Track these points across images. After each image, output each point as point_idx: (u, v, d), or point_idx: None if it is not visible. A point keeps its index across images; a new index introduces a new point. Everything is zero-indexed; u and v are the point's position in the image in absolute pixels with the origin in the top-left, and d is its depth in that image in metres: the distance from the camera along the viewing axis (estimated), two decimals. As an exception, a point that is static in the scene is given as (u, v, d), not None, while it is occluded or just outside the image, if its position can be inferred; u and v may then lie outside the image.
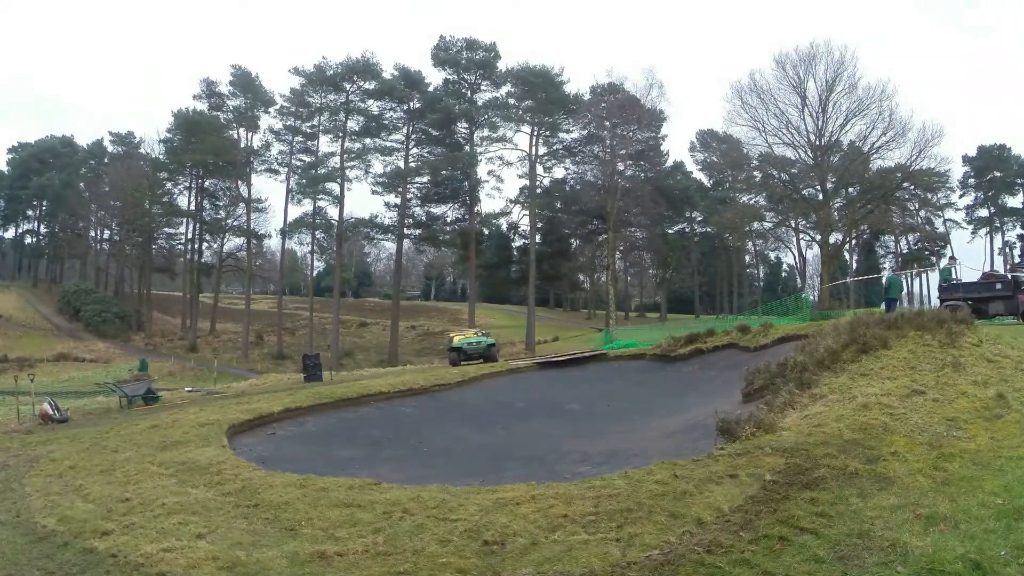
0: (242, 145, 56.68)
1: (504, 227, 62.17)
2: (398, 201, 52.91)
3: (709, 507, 4.98)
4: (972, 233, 66.18)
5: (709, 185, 69.20)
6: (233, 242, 60.03)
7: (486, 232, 61.59)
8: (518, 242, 63.09)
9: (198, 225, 58.85)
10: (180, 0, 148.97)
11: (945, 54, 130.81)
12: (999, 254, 65.03)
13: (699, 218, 68.81)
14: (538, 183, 55.49)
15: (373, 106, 53.48)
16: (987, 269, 18.56)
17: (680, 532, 4.58)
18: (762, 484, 5.36)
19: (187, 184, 59.15)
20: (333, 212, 53.96)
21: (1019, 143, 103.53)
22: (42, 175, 71.28)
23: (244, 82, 55.89)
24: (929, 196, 48.74)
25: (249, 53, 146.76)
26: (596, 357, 18.45)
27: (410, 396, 13.37)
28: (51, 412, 12.37)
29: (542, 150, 54.96)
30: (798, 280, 65.54)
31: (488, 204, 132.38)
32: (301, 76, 53.12)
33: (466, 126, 53.00)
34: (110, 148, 71.06)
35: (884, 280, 20.33)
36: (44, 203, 74.61)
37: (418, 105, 52.42)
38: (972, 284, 17.19)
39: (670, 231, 66.89)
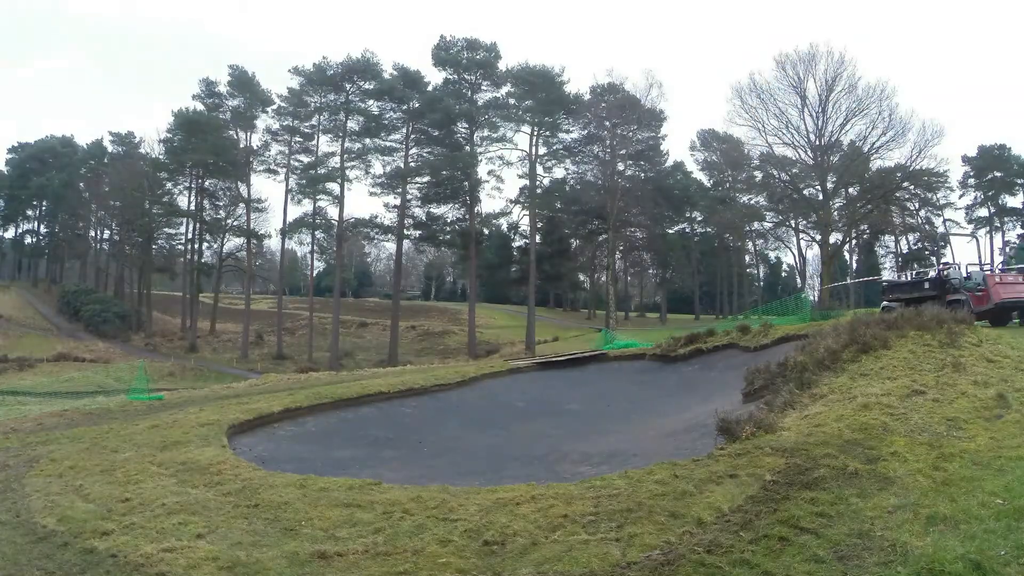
0: (241, 145, 56.66)
1: (504, 227, 62.25)
2: (398, 201, 52.90)
3: (709, 507, 4.98)
4: (971, 234, 66.24)
5: (709, 185, 69.22)
6: (233, 242, 60.07)
7: (486, 232, 61.56)
8: (518, 242, 63.18)
9: (198, 225, 58.81)
10: (180, 0, 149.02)
11: (945, 53, 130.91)
12: (999, 253, 65.14)
13: (699, 218, 68.86)
14: (538, 183, 55.52)
15: (373, 106, 53.46)
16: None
17: (680, 532, 4.58)
18: (762, 484, 5.36)
19: (187, 184, 59.09)
20: (333, 212, 54.02)
21: (1019, 143, 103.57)
22: (42, 175, 71.28)
23: (242, 82, 55.86)
24: (929, 196, 48.75)
25: (249, 53, 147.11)
26: (596, 357, 18.44)
27: (410, 396, 13.35)
28: None
29: (542, 150, 55.01)
30: (798, 280, 65.61)
31: (488, 204, 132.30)
32: (301, 76, 53.15)
33: (466, 126, 52.96)
34: (110, 148, 71.10)
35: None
36: (44, 203, 74.64)
37: (418, 105, 52.38)
38: (903, 284, 17.96)
39: (670, 231, 66.92)
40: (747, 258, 73.38)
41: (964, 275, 15.78)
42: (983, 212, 65.54)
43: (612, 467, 7.08)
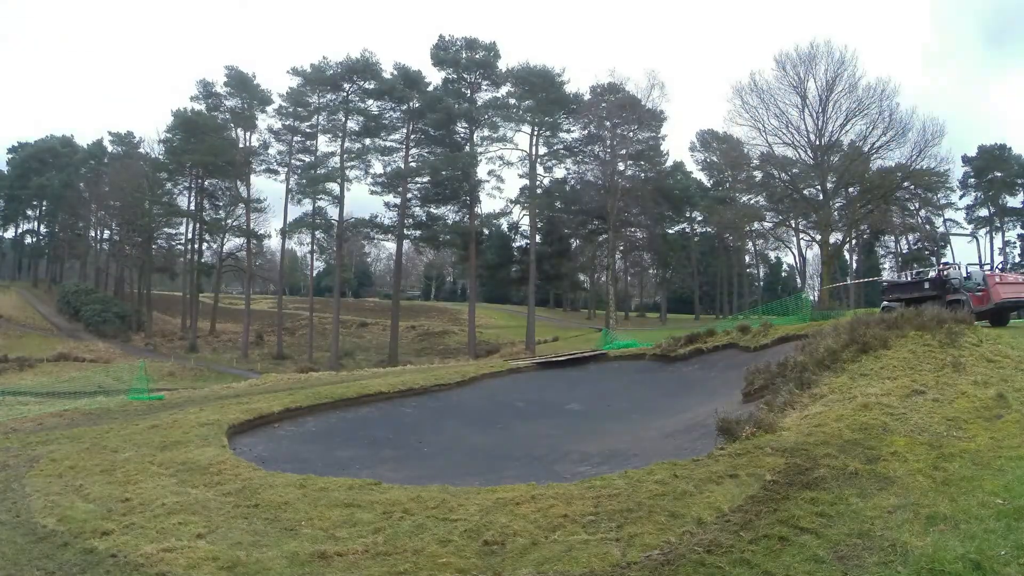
0: (241, 145, 56.64)
1: (504, 227, 62.16)
2: (398, 201, 52.88)
3: (709, 507, 4.98)
4: (971, 234, 66.25)
5: (709, 185, 69.20)
6: (233, 242, 60.02)
7: (486, 232, 61.52)
8: (518, 242, 63.03)
9: (198, 225, 58.79)
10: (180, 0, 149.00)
11: (946, 52, 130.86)
12: (999, 254, 65.17)
13: (699, 218, 68.83)
14: (538, 183, 55.49)
15: (373, 106, 53.42)
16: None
17: (680, 532, 4.58)
18: (762, 484, 5.36)
19: (187, 184, 59.07)
20: (333, 212, 53.97)
21: (1019, 143, 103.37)
22: (42, 175, 71.22)
23: (239, 82, 55.83)
24: (929, 196, 48.72)
25: (249, 53, 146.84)
26: (596, 357, 18.45)
27: (410, 396, 13.36)
28: None
29: (542, 150, 54.97)
30: (798, 280, 65.61)
31: (488, 204, 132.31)
32: (300, 76, 53.12)
33: (466, 126, 52.93)
34: (110, 148, 71.03)
35: None
36: (44, 203, 74.58)
37: (418, 105, 52.35)
38: (904, 284, 18.09)
39: (670, 231, 66.90)
40: (747, 258, 73.39)
41: (964, 275, 15.81)
42: (983, 212, 65.59)
43: (612, 467, 7.08)
